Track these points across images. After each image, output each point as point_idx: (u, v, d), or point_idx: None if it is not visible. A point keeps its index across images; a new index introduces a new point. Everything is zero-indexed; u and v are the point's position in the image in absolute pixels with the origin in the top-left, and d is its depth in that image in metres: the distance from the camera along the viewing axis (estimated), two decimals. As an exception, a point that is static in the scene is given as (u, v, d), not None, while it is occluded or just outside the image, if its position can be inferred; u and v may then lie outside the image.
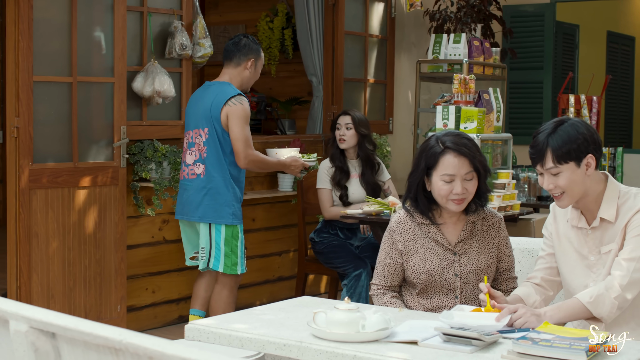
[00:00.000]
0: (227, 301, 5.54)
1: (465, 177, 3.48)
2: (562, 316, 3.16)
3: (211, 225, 5.44)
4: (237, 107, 5.37)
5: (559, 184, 3.26)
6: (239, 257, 5.48)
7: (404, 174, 8.39)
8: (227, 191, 5.42)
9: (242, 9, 9.34)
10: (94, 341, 2.18)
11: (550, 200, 6.81)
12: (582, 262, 3.41)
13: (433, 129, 7.40)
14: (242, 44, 5.60)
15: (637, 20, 13.40)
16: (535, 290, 3.46)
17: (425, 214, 3.58)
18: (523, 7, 9.38)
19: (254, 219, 6.99)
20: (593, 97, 7.99)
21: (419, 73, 7.70)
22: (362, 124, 6.25)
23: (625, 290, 3.19)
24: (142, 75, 5.92)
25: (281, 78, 9.07)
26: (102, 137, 5.79)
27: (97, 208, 5.71)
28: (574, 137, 3.23)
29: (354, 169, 6.31)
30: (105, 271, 5.77)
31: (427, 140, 3.61)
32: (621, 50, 12.96)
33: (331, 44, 7.66)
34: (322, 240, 6.27)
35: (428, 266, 3.56)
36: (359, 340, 2.87)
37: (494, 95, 6.30)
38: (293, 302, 3.54)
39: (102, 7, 5.76)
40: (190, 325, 3.13)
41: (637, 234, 3.24)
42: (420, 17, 8.62)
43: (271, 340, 2.93)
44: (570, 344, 2.69)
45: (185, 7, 6.25)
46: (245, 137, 5.39)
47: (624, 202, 3.32)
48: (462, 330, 2.87)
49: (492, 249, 3.63)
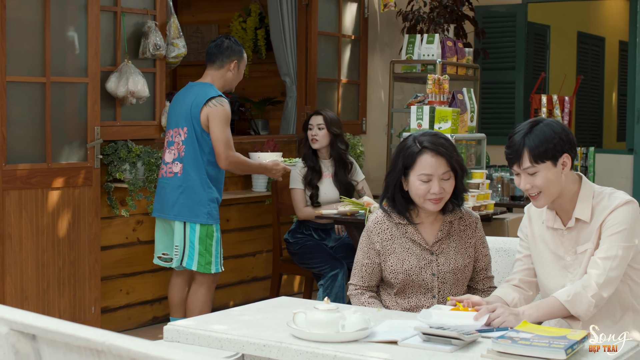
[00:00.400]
0: (204, 300, 5.55)
1: (442, 177, 3.50)
2: (540, 315, 3.18)
3: (186, 223, 5.47)
4: (217, 108, 5.38)
5: (536, 183, 3.28)
6: (214, 256, 5.50)
7: (377, 174, 8.46)
8: (203, 191, 5.44)
9: (214, 9, 9.32)
10: (76, 343, 2.16)
11: (524, 200, 6.85)
12: (558, 262, 3.44)
13: (407, 129, 7.43)
14: (224, 46, 5.62)
15: (607, 21, 13.51)
16: (514, 291, 3.47)
17: (403, 213, 3.59)
18: (495, 7, 9.43)
19: (228, 219, 6.98)
20: (565, 97, 8.05)
21: (393, 73, 7.71)
22: (334, 124, 6.27)
23: (602, 288, 3.22)
24: (116, 76, 5.90)
25: (254, 78, 9.06)
26: (76, 137, 5.75)
27: (71, 209, 5.68)
28: (550, 136, 3.26)
29: (326, 168, 6.32)
30: (79, 272, 5.74)
31: (404, 140, 3.62)
32: (591, 50, 13.07)
33: (304, 44, 7.66)
34: (297, 241, 6.27)
35: (406, 266, 3.57)
36: (339, 341, 2.87)
37: (468, 95, 6.33)
38: (271, 303, 3.54)
39: (75, 7, 5.72)
40: (168, 326, 3.12)
41: (612, 233, 3.27)
42: (393, 17, 8.65)
43: (251, 341, 2.93)
44: (550, 343, 2.71)
45: (159, 7, 6.23)
46: (226, 138, 5.42)
47: (598, 201, 3.35)
48: (442, 329, 2.88)
49: (469, 249, 3.65)
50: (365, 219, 5.63)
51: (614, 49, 13.71)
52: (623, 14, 13.73)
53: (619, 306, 3.39)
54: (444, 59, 7.30)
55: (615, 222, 3.27)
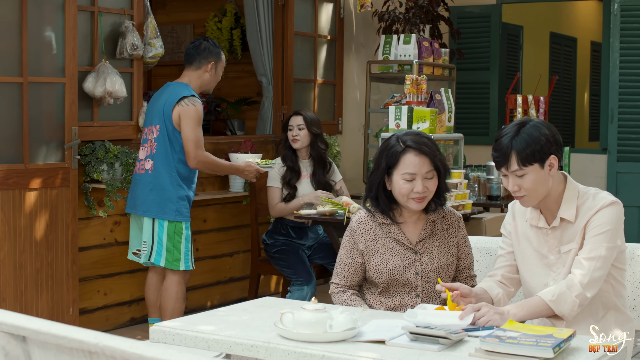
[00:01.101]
0: (176, 297, 5.60)
1: (425, 176, 3.52)
2: (525, 314, 3.20)
3: (154, 220, 5.56)
4: (189, 107, 5.45)
5: (524, 185, 3.30)
6: (183, 253, 5.57)
7: (354, 174, 8.47)
8: (172, 188, 5.53)
9: (189, 9, 9.30)
10: (68, 344, 2.15)
11: (501, 199, 6.89)
12: (541, 261, 3.46)
13: (384, 129, 7.45)
14: (202, 48, 5.70)
15: (579, 21, 13.61)
16: (498, 285, 3.50)
17: (386, 213, 3.60)
18: (469, 8, 9.47)
19: (205, 219, 6.97)
20: (540, 97, 8.10)
21: (369, 73, 7.73)
22: (314, 124, 6.28)
23: (586, 288, 3.25)
24: (93, 76, 5.87)
25: (229, 78, 9.04)
26: (53, 138, 5.72)
27: (49, 210, 5.64)
28: (536, 138, 3.28)
29: (305, 168, 6.32)
30: (57, 274, 5.70)
31: (387, 139, 3.64)
32: (564, 51, 13.16)
33: (281, 44, 7.66)
34: (274, 243, 6.27)
35: (390, 265, 3.58)
36: (327, 340, 2.87)
37: (446, 95, 6.35)
38: (256, 303, 3.54)
39: (52, 7, 5.68)
40: (155, 327, 3.11)
41: (597, 234, 3.30)
42: (369, 17, 8.66)
43: (238, 342, 2.92)
44: (537, 341, 2.73)
45: (136, 7, 6.20)
46: (196, 138, 5.47)
47: (583, 202, 3.38)
48: (429, 329, 2.89)
49: (452, 248, 3.67)
50: (345, 219, 5.64)
51: (586, 49, 13.82)
52: (595, 14, 13.84)
53: (602, 305, 3.42)
54: (421, 59, 7.32)
55: (600, 222, 3.30)
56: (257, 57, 7.75)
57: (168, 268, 5.60)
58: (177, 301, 5.62)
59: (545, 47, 12.76)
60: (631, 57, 8.61)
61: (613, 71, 8.64)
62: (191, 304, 6.89)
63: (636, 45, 8.60)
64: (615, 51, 8.63)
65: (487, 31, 9.54)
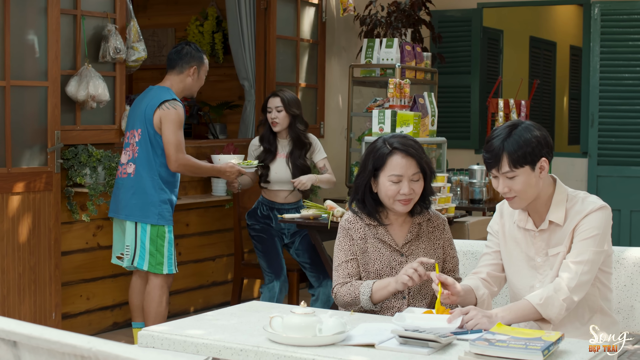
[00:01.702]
0: (159, 301, 5.59)
1: (412, 178, 3.53)
2: (513, 317, 3.22)
3: (137, 223, 5.56)
4: (170, 111, 5.46)
5: (514, 187, 3.32)
6: (165, 257, 5.58)
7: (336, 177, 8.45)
8: (154, 192, 5.53)
9: (171, 13, 9.28)
10: (60, 349, 2.14)
11: (483, 203, 6.91)
12: (528, 262, 3.48)
13: (366, 132, 7.46)
14: (184, 52, 5.72)
15: (558, 26, 13.68)
16: (482, 284, 3.51)
17: (373, 215, 3.61)
18: (450, 12, 9.49)
19: (188, 224, 6.95)
20: (522, 101, 8.13)
21: (352, 77, 7.73)
22: (292, 105, 6.26)
23: (574, 292, 3.27)
24: (76, 79, 5.85)
25: (211, 82, 9.02)
26: (36, 142, 5.69)
27: (31, 214, 5.61)
28: (528, 140, 3.29)
29: (282, 148, 6.31)
30: (39, 278, 5.67)
31: (373, 142, 3.65)
32: (543, 55, 13.22)
33: (263, 48, 7.65)
34: (253, 225, 6.31)
35: (377, 266, 3.59)
36: (316, 344, 2.88)
37: (429, 99, 6.37)
38: (244, 307, 3.53)
39: (35, 10, 5.66)
40: (143, 332, 3.10)
41: (585, 238, 3.32)
42: (350, 21, 8.67)
43: (227, 346, 2.92)
44: (526, 344, 2.74)
45: (119, 11, 6.18)
46: (177, 141, 5.49)
47: (572, 205, 3.39)
48: (417, 332, 2.90)
49: (437, 250, 3.69)
50: (329, 222, 5.65)
51: (565, 53, 13.89)
52: (574, 19, 13.92)
53: (588, 309, 3.44)
54: (403, 63, 7.33)
55: (589, 227, 3.32)
56: (239, 61, 7.75)
57: (151, 272, 5.59)
58: (160, 305, 5.62)
59: (525, 51, 12.81)
60: (611, 62, 8.66)
61: (593, 75, 8.69)
62: (174, 308, 6.88)
63: (616, 50, 8.66)
64: (596, 55, 8.68)
65: (467, 35, 9.57)
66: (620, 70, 8.65)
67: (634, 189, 8.57)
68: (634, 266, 3.82)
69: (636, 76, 8.61)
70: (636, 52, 8.62)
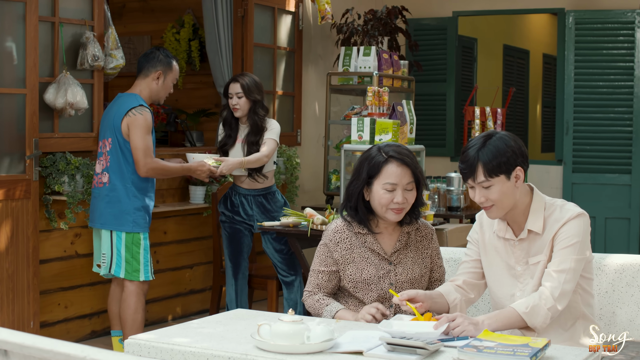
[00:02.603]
0: (135, 308, 5.58)
1: (406, 187, 3.55)
2: (499, 325, 3.24)
3: (112, 232, 5.56)
4: (137, 117, 5.46)
5: (490, 197, 3.34)
6: (142, 264, 5.59)
7: (312, 185, 8.47)
8: (128, 200, 5.53)
9: (147, 20, 9.25)
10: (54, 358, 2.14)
11: (461, 210, 6.94)
12: (508, 271, 3.51)
13: (343, 140, 7.48)
14: (151, 57, 5.71)
15: (531, 34, 13.78)
16: (456, 290, 3.54)
17: (364, 223, 3.63)
18: (425, 20, 9.55)
19: (166, 231, 6.93)
20: (498, 109, 8.19)
21: (330, 85, 7.75)
22: (252, 90, 6.15)
23: (557, 301, 3.30)
24: (54, 87, 5.82)
25: (187, 90, 9.01)
26: (14, 149, 5.66)
27: (10, 222, 5.58)
28: (502, 150, 3.33)
29: (241, 133, 6.25)
30: (17, 287, 5.64)
31: (368, 150, 3.67)
32: (517, 63, 13.32)
33: (240, 55, 7.65)
34: (221, 217, 6.27)
35: (365, 275, 3.60)
36: (305, 352, 2.88)
37: (407, 107, 6.40)
38: (229, 315, 3.53)
39: (13, 17, 5.63)
40: (130, 340, 3.09)
41: (565, 246, 3.35)
42: (327, 29, 8.69)
43: (215, 354, 2.92)
44: (514, 351, 2.76)
45: (97, 18, 6.16)
46: (145, 146, 5.49)
47: (550, 213, 3.42)
48: (405, 339, 2.91)
49: (425, 259, 3.71)
50: (308, 230, 5.66)
51: (538, 61, 14.00)
52: (547, 27, 14.04)
53: (570, 315, 3.47)
54: (381, 71, 7.36)
55: (568, 235, 3.35)
56: (216, 69, 7.73)
57: (127, 279, 5.58)
58: (136, 312, 5.61)
59: (499, 60, 12.90)
60: (586, 70, 8.75)
61: (568, 83, 8.77)
62: (152, 316, 6.85)
63: (590, 58, 8.75)
64: (570, 64, 8.76)
65: (443, 43, 9.63)
66: (594, 79, 8.74)
67: (609, 196, 8.66)
68: (615, 273, 3.86)
69: (610, 84, 8.70)
70: (610, 60, 8.71)
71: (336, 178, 7.61)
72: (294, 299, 6.21)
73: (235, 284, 6.23)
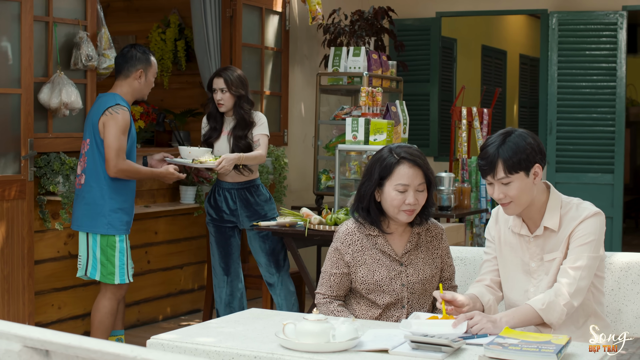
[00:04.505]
0: (105, 311, 5.53)
1: (417, 188, 3.58)
2: (516, 322, 3.28)
3: (88, 234, 5.50)
4: (112, 116, 5.39)
5: (509, 193, 3.39)
6: (117, 267, 5.50)
7: (299, 185, 8.49)
8: (103, 201, 5.45)
9: (131, 20, 9.21)
10: (102, 359, 2.14)
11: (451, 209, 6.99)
12: (522, 267, 3.55)
13: (333, 140, 7.50)
14: (129, 56, 5.61)
15: (509, 35, 13.88)
16: (487, 291, 3.57)
17: (376, 224, 3.65)
18: (408, 21, 9.59)
19: (157, 231, 6.93)
20: (484, 109, 8.25)
21: (319, 85, 7.78)
22: (235, 85, 6.11)
23: (573, 297, 3.34)
24: (49, 87, 5.80)
25: (173, 90, 9.00)
26: (9, 149, 5.64)
27: (5, 223, 5.55)
28: (522, 147, 3.37)
29: (227, 126, 6.20)
30: (13, 287, 5.61)
31: (379, 151, 3.69)
32: (494, 63, 13.41)
33: (229, 55, 7.65)
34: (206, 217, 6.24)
35: (376, 277, 3.62)
36: (330, 350, 2.91)
37: (401, 107, 6.43)
38: (244, 315, 3.54)
39: (8, 17, 5.60)
40: (152, 340, 3.10)
41: (581, 244, 3.40)
42: (313, 30, 8.71)
43: (241, 353, 2.94)
44: (539, 348, 2.80)
45: (90, 18, 6.15)
46: (118, 146, 5.39)
47: (566, 211, 3.47)
48: (429, 337, 2.94)
49: (436, 259, 3.74)
50: (305, 230, 5.67)
51: (515, 62, 14.10)
52: (524, 28, 14.15)
53: (583, 313, 3.52)
54: (370, 72, 7.40)
55: (584, 232, 3.40)
56: (204, 69, 7.73)
57: (102, 282, 5.53)
58: (105, 315, 5.54)
59: (478, 60, 12.99)
60: (569, 71, 8.84)
61: (551, 84, 8.85)
62: (143, 317, 6.85)
63: (573, 59, 8.84)
64: (554, 64, 8.84)
65: (426, 44, 9.68)
66: (577, 79, 8.84)
67: (592, 195, 8.74)
68: (621, 271, 3.91)
69: (593, 85, 8.80)
70: (593, 61, 8.81)
71: (326, 178, 7.63)
72: (276, 300, 6.20)
73: (228, 287, 6.21)
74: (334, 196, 6.40)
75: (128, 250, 5.58)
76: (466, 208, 7.47)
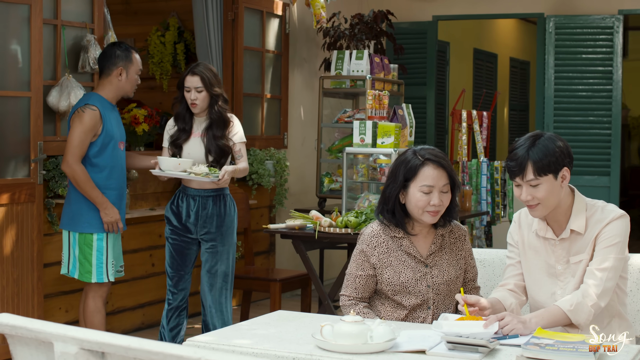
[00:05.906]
0: (90, 310, 5.51)
1: (442, 189, 3.62)
2: (545, 323, 3.32)
3: (69, 232, 5.46)
4: (78, 114, 5.31)
5: (537, 195, 3.43)
6: (94, 265, 5.44)
7: (298, 187, 8.52)
8: (82, 200, 5.38)
9: (130, 23, 9.22)
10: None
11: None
12: (547, 270, 3.59)
13: (336, 143, 7.54)
14: (108, 54, 5.53)
15: (500, 38, 13.97)
16: (511, 296, 3.61)
17: (402, 226, 3.68)
18: (405, 24, 9.63)
19: (161, 235, 6.93)
20: (484, 112, 8.30)
21: (322, 89, 7.81)
22: (213, 84, 5.57)
23: (600, 298, 3.39)
24: (57, 90, 5.80)
25: (172, 92, 9.00)
26: (19, 153, 5.64)
27: (15, 226, 5.55)
28: (552, 150, 3.42)
29: (198, 127, 5.61)
30: (22, 291, 5.61)
31: (403, 153, 3.73)
32: (485, 66, 13.49)
33: (231, 59, 7.68)
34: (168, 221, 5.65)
35: (402, 278, 3.66)
36: (367, 352, 2.94)
37: (407, 110, 6.48)
38: (274, 317, 3.57)
39: (17, 20, 5.61)
40: (188, 342, 3.12)
41: (608, 245, 3.45)
42: (312, 33, 8.75)
43: (279, 354, 2.96)
44: (576, 348, 2.84)
45: (97, 21, 6.16)
46: (75, 144, 5.29)
47: (592, 214, 3.52)
48: (465, 338, 2.98)
49: (460, 261, 3.77)
50: (315, 232, 5.70)
51: (505, 65, 14.19)
52: (514, 32, 14.24)
53: (607, 313, 3.56)
54: (373, 75, 7.44)
55: (611, 234, 3.45)
56: (206, 72, 7.75)
57: (82, 281, 5.49)
58: (93, 314, 5.51)
59: (469, 63, 13.06)
60: (565, 74, 8.91)
61: (548, 87, 8.92)
62: (148, 319, 6.86)
63: (570, 62, 8.91)
64: (550, 68, 8.91)
65: (423, 47, 9.73)
66: (574, 83, 8.91)
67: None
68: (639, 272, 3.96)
69: (589, 88, 8.87)
70: (589, 64, 8.89)
71: (329, 181, 7.67)
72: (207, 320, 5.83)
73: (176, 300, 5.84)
74: (342, 199, 6.43)
75: (111, 249, 5.46)
76: (467, 210, 7.52)
